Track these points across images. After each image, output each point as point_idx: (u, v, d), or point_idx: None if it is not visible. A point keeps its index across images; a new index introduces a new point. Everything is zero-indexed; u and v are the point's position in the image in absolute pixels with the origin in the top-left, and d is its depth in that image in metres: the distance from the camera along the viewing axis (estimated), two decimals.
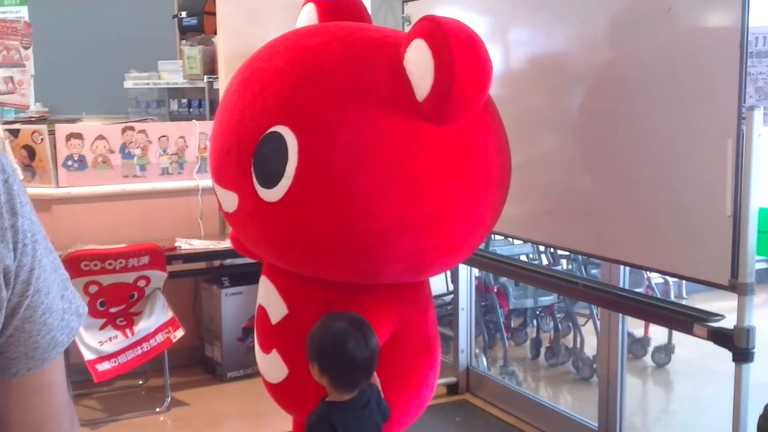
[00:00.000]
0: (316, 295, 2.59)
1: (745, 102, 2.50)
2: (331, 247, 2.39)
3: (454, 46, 2.18)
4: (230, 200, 2.52)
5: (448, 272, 4.84)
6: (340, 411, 2.35)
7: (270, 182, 2.34)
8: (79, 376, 4.17)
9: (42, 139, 4.49)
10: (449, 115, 2.28)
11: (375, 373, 2.46)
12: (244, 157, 2.40)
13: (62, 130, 4.56)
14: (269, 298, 2.71)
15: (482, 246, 4.63)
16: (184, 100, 6.40)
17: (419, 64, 2.25)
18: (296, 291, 2.64)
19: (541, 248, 5.12)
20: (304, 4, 2.84)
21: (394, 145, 2.28)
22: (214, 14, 5.76)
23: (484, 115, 2.47)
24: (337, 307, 2.48)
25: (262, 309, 2.75)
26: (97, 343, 4.03)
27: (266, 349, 2.70)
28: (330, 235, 2.35)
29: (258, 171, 2.37)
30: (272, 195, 2.34)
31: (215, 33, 5.73)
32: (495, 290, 4.93)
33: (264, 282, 2.77)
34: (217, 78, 5.78)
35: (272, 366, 2.69)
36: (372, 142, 2.27)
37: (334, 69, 2.34)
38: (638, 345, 5.01)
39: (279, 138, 2.31)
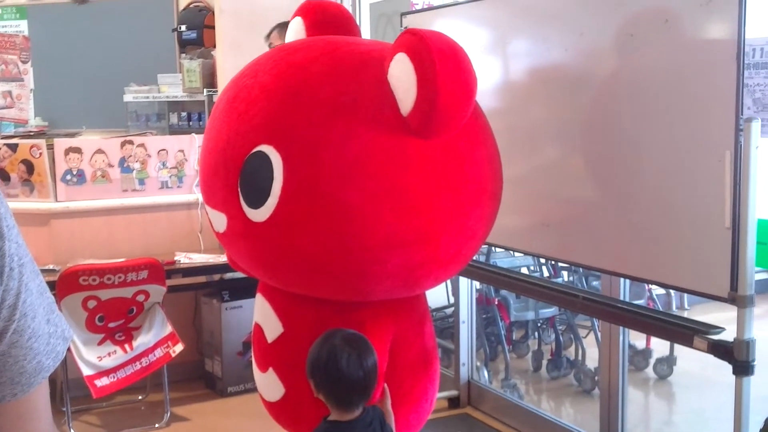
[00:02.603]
0: (310, 313, 2.57)
1: (742, 113, 2.49)
2: (322, 266, 2.37)
3: (437, 60, 2.16)
4: (220, 220, 2.51)
5: (449, 284, 4.82)
6: (340, 430, 2.33)
7: (256, 202, 2.32)
8: (78, 391, 4.16)
9: (41, 154, 4.49)
10: (435, 128, 2.26)
11: (388, 395, 2.45)
12: (231, 178, 2.38)
13: (61, 144, 4.55)
14: (265, 316, 2.70)
15: (483, 258, 4.63)
16: (184, 114, 6.38)
17: (403, 78, 2.23)
18: (291, 309, 2.62)
19: (542, 260, 5.10)
20: (293, 18, 2.81)
21: (382, 161, 2.26)
22: (213, 28, 5.77)
23: (473, 126, 2.45)
24: (332, 324, 2.46)
25: (258, 327, 2.74)
26: (95, 358, 4.02)
27: (263, 368, 2.69)
28: (319, 253, 2.33)
29: (244, 191, 2.35)
30: (259, 215, 2.32)
31: (215, 46, 5.74)
32: (496, 302, 4.91)
33: (260, 300, 2.75)
34: (217, 91, 5.78)
35: (269, 384, 2.68)
36: (359, 159, 2.25)
37: (320, 85, 2.32)
38: (640, 357, 4.99)
39: (264, 157, 2.29)
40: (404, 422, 2.66)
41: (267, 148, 2.29)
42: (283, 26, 4.35)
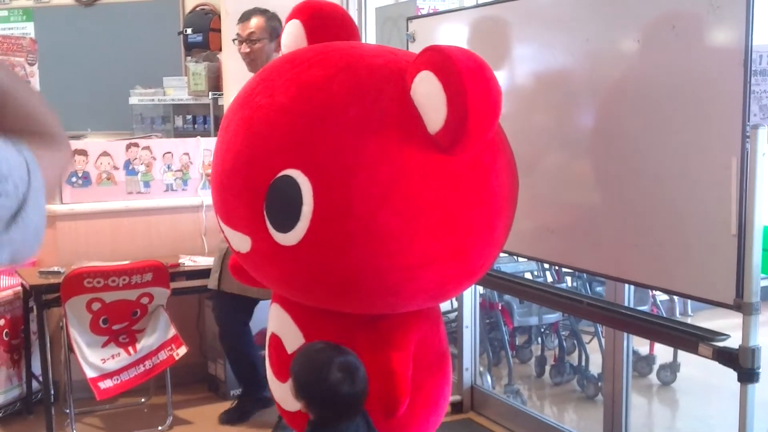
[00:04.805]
0: (332, 323, 2.54)
1: (749, 120, 2.49)
2: (355, 286, 2.35)
3: (466, 79, 2.12)
4: (242, 242, 2.45)
5: None
6: (324, 429, 2.37)
7: (285, 227, 2.27)
8: (82, 393, 4.16)
9: None
10: (464, 146, 2.23)
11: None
12: (256, 201, 2.32)
13: None
14: (284, 326, 2.67)
15: None
16: (189, 117, 6.41)
17: (431, 96, 2.19)
18: (312, 320, 2.59)
19: (546, 265, 5.10)
20: (288, 21, 2.74)
21: (415, 182, 2.23)
22: (219, 31, 5.79)
23: (493, 136, 2.40)
24: (355, 334, 2.47)
25: (276, 337, 2.71)
26: (99, 360, 4.02)
27: (283, 378, 2.64)
28: (354, 274, 2.30)
29: (271, 216, 2.30)
30: (289, 239, 2.28)
31: (220, 49, 5.77)
32: (499, 308, 4.91)
33: (277, 310, 2.72)
34: (222, 94, 5.80)
35: (289, 395, 2.61)
36: (393, 181, 2.21)
37: (344, 106, 2.26)
38: (643, 363, 4.98)
39: (291, 182, 2.23)
40: (423, 424, 2.68)
41: (294, 173, 2.23)
42: (257, 13, 4.25)
